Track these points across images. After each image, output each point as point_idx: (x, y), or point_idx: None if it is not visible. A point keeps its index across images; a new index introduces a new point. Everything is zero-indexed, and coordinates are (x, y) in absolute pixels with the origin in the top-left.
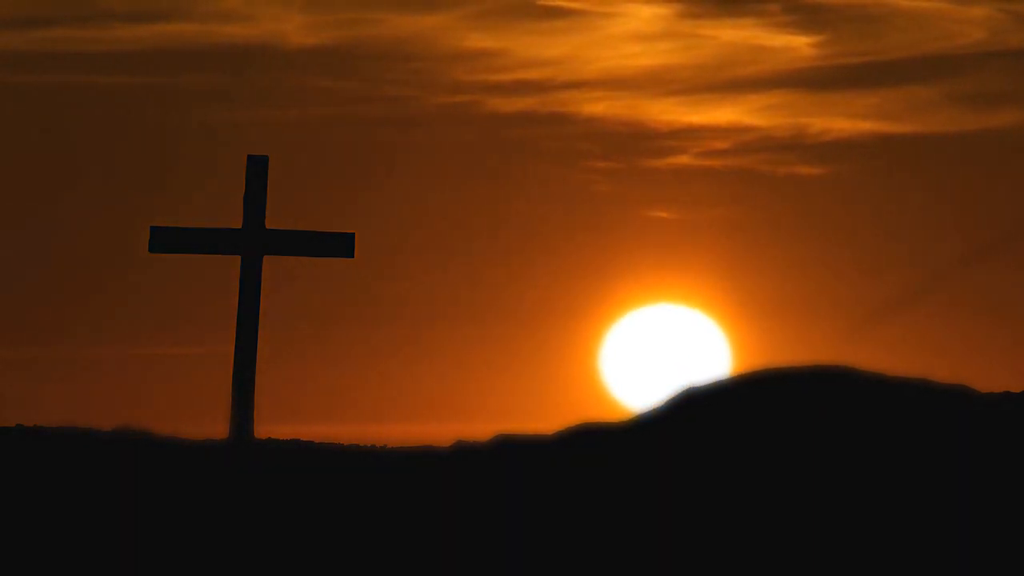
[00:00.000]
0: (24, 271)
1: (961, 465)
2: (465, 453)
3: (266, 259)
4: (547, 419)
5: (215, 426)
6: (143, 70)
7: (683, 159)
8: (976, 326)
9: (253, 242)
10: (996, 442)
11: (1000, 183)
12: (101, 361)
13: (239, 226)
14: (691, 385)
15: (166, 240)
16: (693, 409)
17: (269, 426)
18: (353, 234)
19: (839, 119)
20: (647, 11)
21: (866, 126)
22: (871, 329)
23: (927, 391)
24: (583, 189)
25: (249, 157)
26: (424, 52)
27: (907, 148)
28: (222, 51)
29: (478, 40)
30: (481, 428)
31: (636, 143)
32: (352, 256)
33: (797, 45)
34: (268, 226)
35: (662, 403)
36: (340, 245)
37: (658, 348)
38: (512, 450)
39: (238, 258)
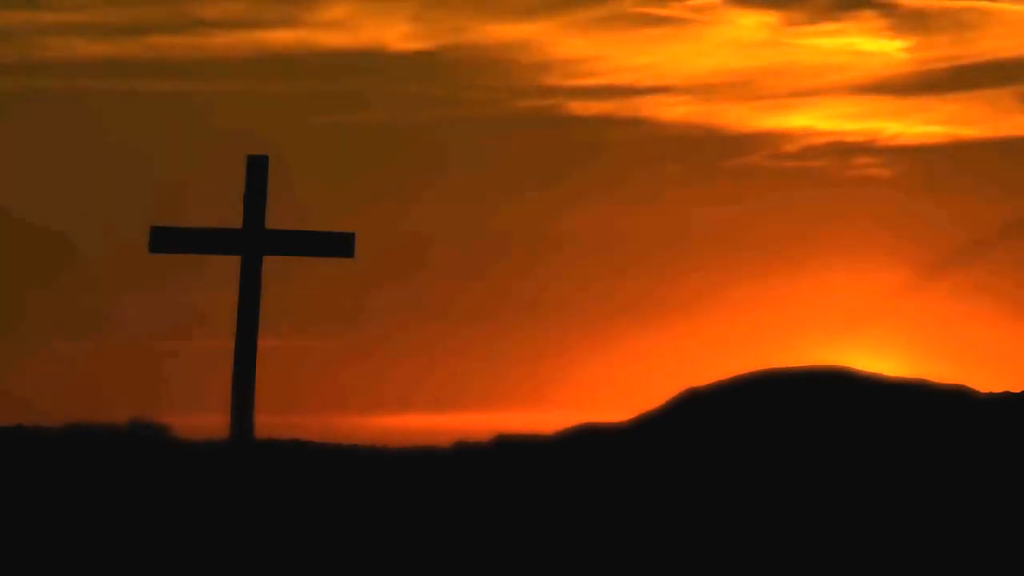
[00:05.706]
0: (25, 270)
1: (960, 465)
2: (465, 453)
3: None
4: (600, 412)
5: (215, 422)
6: (238, 76)
7: (751, 161)
8: (975, 326)
9: (253, 242)
10: (995, 442)
11: None
12: (101, 359)
13: (239, 227)
14: (691, 385)
15: (166, 240)
16: (693, 409)
17: (269, 419)
18: (353, 234)
19: (913, 123)
20: (749, 19)
21: (938, 130)
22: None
23: (926, 391)
24: (647, 190)
25: (249, 157)
26: (518, 58)
27: (976, 152)
28: (323, 58)
29: (572, 47)
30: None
31: (706, 146)
32: (352, 256)
33: (890, 50)
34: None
35: (662, 403)
36: (340, 245)
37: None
38: (512, 450)
39: (238, 258)
